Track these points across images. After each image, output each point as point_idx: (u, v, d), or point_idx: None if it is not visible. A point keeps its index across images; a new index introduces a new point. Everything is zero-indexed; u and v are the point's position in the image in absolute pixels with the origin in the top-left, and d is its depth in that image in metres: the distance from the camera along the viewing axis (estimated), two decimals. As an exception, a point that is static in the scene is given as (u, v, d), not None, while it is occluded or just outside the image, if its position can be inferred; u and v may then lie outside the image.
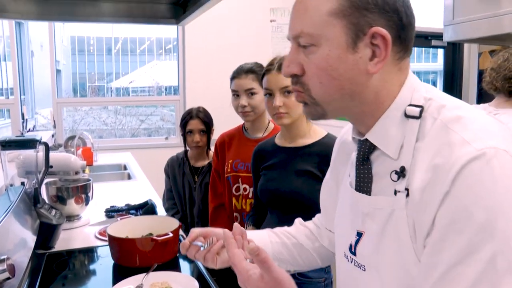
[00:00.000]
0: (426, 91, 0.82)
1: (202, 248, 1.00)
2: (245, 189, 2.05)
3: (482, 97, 3.81)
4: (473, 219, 0.65)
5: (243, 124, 2.16)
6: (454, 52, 5.82)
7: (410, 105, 0.79)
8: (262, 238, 1.13)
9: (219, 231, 1.02)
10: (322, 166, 1.61)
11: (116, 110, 6.18)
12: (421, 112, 0.78)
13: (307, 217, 1.26)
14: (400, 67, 0.81)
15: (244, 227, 2.02)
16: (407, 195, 0.75)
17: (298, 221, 1.23)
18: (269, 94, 1.68)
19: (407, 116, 0.79)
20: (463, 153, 0.68)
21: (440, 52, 6.06)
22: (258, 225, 1.82)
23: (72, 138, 3.68)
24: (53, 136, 4.18)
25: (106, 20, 2.03)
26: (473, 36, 1.50)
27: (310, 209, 1.59)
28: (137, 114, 6.19)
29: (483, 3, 1.45)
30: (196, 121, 2.59)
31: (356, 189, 0.87)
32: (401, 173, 0.76)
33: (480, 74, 5.34)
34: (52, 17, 2.19)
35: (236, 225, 1.00)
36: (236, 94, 2.04)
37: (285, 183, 1.66)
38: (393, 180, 0.78)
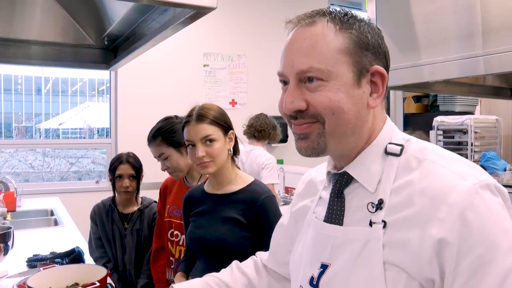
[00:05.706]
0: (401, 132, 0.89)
1: None
2: (176, 236, 2.04)
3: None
4: (497, 244, 0.71)
5: None
6: (380, 97, 6.18)
7: (391, 143, 0.85)
8: None
9: None
10: (247, 212, 1.63)
11: (45, 152, 5.91)
12: (401, 150, 0.83)
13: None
14: (382, 106, 0.88)
15: (175, 274, 1.99)
16: (384, 226, 0.78)
17: (236, 265, 1.20)
18: (192, 145, 1.68)
19: (387, 153, 0.84)
20: (464, 187, 0.74)
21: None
22: (189, 271, 1.79)
23: (-7, 182, 3.48)
24: (-29, 180, 3.92)
25: (35, 63, 1.98)
26: (397, 84, 1.58)
27: (235, 256, 1.59)
28: (67, 157, 5.94)
29: (404, 54, 1.54)
30: (126, 165, 2.54)
31: (326, 221, 0.88)
32: (379, 205, 0.80)
33: (406, 117, 5.70)
34: (-25, 58, 2.11)
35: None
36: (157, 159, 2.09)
37: (211, 230, 1.66)
38: (370, 212, 0.81)
